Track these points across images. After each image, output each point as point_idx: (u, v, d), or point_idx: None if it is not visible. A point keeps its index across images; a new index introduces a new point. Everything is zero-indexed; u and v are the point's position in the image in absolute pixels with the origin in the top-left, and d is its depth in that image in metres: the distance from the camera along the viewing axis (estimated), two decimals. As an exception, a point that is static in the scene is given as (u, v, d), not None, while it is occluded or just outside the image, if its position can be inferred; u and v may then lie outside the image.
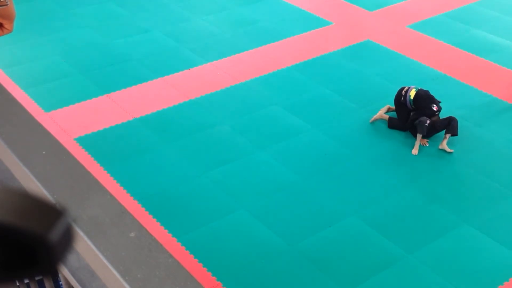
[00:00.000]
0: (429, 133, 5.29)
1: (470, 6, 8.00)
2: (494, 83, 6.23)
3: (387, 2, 8.07)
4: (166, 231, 4.26)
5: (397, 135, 5.43)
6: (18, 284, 1.67)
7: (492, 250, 4.23)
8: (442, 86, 6.12)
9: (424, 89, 5.47)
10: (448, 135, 5.19)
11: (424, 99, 5.34)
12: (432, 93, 5.47)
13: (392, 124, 5.51)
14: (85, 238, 1.32)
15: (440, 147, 5.21)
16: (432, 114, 5.26)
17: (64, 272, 1.51)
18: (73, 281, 1.50)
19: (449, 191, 4.77)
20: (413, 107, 5.39)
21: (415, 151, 5.18)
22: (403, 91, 5.46)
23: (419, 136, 5.21)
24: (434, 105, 5.29)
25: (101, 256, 1.28)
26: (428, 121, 5.18)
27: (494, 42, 7.05)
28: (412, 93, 5.39)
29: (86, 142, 5.17)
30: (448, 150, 5.16)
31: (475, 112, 5.77)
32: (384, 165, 5.05)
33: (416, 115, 5.31)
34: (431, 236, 4.31)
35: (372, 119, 5.58)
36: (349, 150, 5.20)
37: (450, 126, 5.21)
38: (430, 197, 4.69)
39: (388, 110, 5.69)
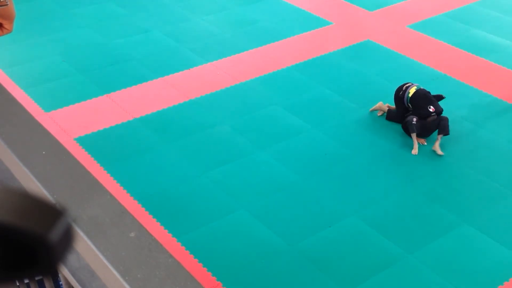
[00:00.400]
0: (424, 133, 5.28)
1: (470, 6, 7.99)
2: (494, 83, 6.23)
3: (387, 2, 8.06)
4: (166, 231, 4.26)
5: (397, 135, 5.43)
6: (18, 284, 1.67)
7: (492, 250, 4.23)
8: (442, 86, 6.11)
9: (426, 90, 5.45)
10: (440, 136, 5.16)
11: (422, 99, 5.32)
12: (432, 93, 5.45)
13: (390, 116, 5.53)
14: (85, 238, 1.32)
15: (432, 148, 5.17)
16: (428, 115, 5.24)
17: (64, 272, 1.51)
18: (73, 281, 1.50)
19: (449, 191, 4.77)
20: (409, 105, 5.38)
21: (414, 151, 5.17)
22: (405, 86, 5.45)
23: (413, 135, 5.20)
24: (431, 107, 5.26)
25: (101, 256, 1.28)
26: (414, 119, 5.16)
27: (494, 42, 7.05)
28: (412, 91, 5.38)
29: (86, 142, 5.17)
30: (439, 152, 5.10)
31: (475, 112, 5.76)
32: (384, 165, 5.05)
33: (410, 115, 5.30)
34: (431, 236, 4.31)
35: (372, 108, 5.64)
36: (349, 150, 5.20)
37: (440, 126, 5.17)
38: (430, 197, 4.69)
39: (388, 108, 5.69)
